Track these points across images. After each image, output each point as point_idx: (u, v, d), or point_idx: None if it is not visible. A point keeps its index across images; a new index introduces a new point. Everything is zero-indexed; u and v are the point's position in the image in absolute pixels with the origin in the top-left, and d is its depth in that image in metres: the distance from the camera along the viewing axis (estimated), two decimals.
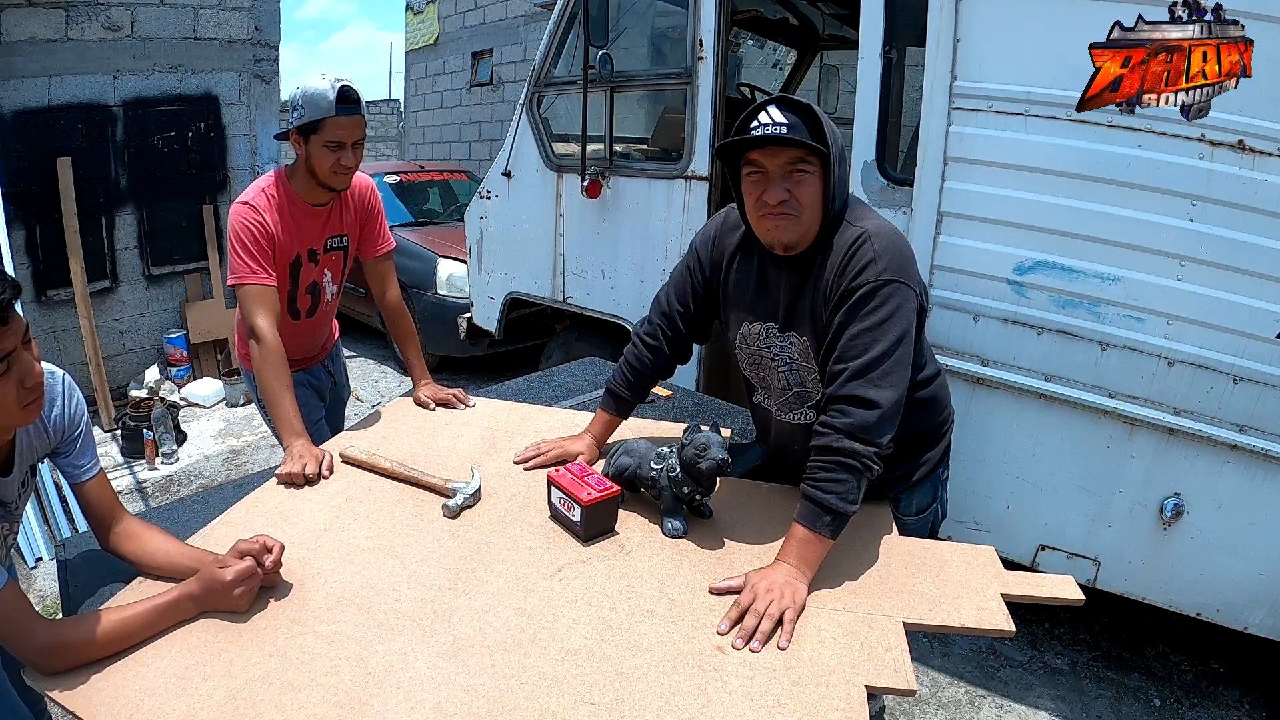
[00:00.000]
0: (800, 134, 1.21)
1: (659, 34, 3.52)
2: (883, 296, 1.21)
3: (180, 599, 1.06)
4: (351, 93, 1.70)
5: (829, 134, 1.21)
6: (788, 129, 1.21)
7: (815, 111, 1.22)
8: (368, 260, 2.02)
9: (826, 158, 1.22)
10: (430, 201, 6.23)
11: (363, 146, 1.78)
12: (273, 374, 1.67)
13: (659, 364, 1.56)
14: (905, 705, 2.18)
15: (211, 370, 4.76)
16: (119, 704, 0.93)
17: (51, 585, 2.66)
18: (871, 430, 1.18)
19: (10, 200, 3.65)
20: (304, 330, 1.99)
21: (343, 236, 1.93)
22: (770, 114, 1.22)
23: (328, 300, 2.01)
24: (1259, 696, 2.28)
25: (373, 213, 1.98)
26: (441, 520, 1.37)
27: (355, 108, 1.71)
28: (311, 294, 1.94)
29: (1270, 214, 1.73)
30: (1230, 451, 1.87)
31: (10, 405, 0.96)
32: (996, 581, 1.21)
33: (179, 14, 4.39)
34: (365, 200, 1.96)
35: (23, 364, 0.96)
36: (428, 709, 0.94)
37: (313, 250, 1.87)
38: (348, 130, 1.71)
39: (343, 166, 1.74)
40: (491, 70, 9.91)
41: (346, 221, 1.92)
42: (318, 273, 1.92)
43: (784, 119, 1.21)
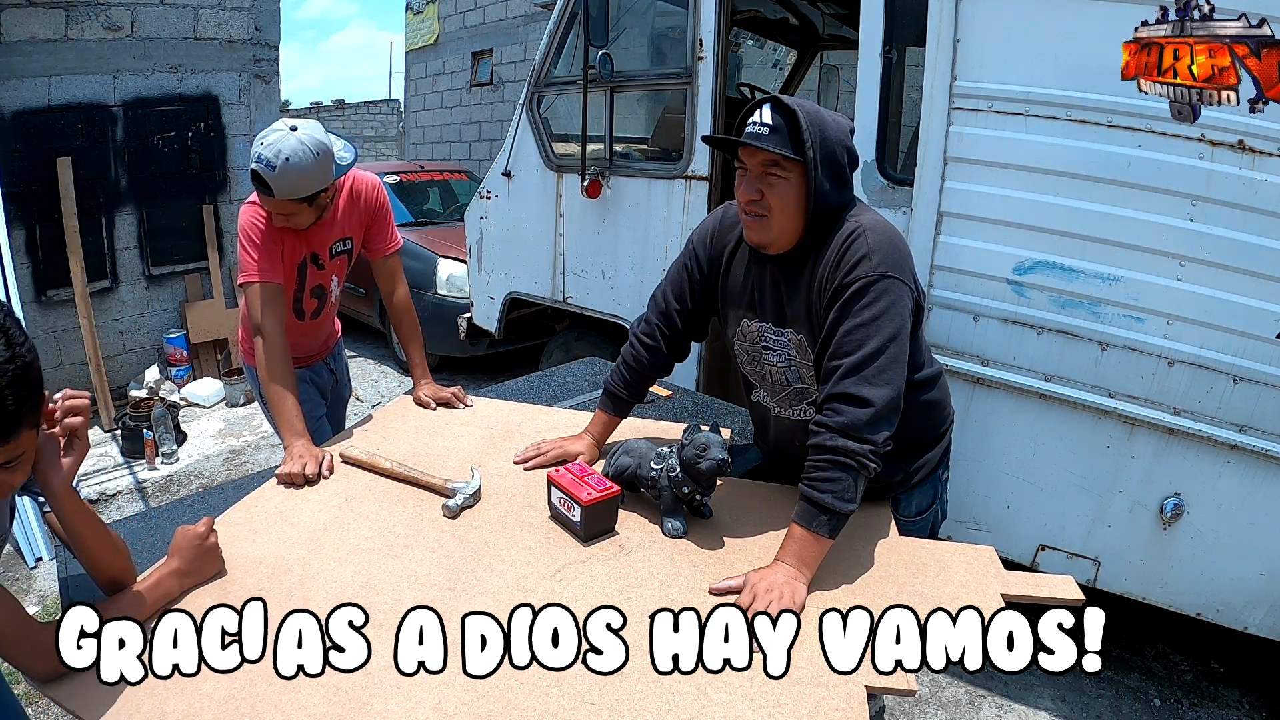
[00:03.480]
0: (778, 138, 1.21)
1: (659, 34, 3.52)
2: (876, 292, 1.21)
3: (162, 577, 1.10)
4: (257, 177, 1.58)
5: (809, 141, 1.20)
6: (770, 131, 1.21)
7: (800, 117, 1.21)
8: (376, 260, 2.02)
9: (805, 164, 1.22)
10: (430, 201, 6.23)
11: (298, 214, 1.68)
12: (276, 373, 1.67)
13: (656, 363, 1.56)
14: (905, 705, 2.18)
15: (211, 370, 4.76)
16: (119, 704, 0.94)
17: (51, 585, 2.66)
18: (865, 428, 1.18)
19: (10, 200, 3.65)
20: (309, 329, 2.00)
21: (346, 240, 1.93)
22: (762, 114, 1.23)
23: (332, 302, 2.02)
24: (1259, 696, 2.28)
25: (379, 212, 1.97)
26: (441, 520, 1.37)
27: (261, 190, 1.61)
28: (317, 296, 1.95)
29: (1270, 214, 1.73)
30: (1230, 451, 1.87)
31: None
32: (996, 581, 1.21)
33: (179, 14, 4.39)
34: (371, 200, 1.94)
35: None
36: (428, 709, 0.94)
37: (316, 255, 1.87)
38: (271, 206, 1.66)
39: (289, 226, 1.71)
40: (491, 70, 9.91)
41: (350, 225, 1.91)
42: (324, 277, 1.93)
43: (770, 121, 1.22)
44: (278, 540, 1.30)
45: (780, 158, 1.22)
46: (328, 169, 1.66)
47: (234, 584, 1.17)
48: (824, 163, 1.22)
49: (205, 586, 1.16)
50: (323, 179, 1.66)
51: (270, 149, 1.57)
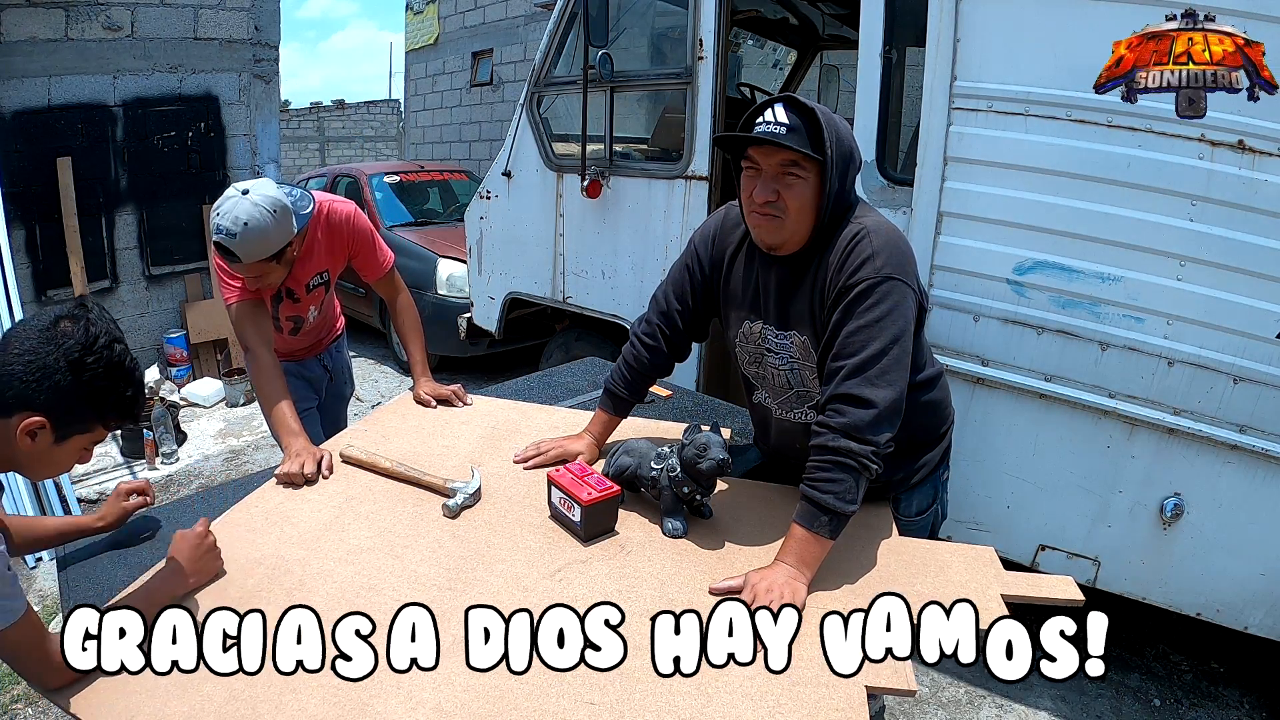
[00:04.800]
0: (798, 137, 1.21)
1: (659, 34, 3.52)
2: (880, 294, 1.21)
3: (165, 580, 1.11)
4: (228, 240, 1.55)
5: (829, 140, 1.20)
6: (787, 130, 1.20)
7: (819, 116, 1.21)
8: (371, 282, 2.03)
9: (823, 164, 1.22)
10: (430, 201, 6.23)
11: (267, 274, 1.68)
12: (267, 385, 1.71)
13: (657, 363, 1.56)
14: (905, 705, 2.18)
15: (211, 370, 4.76)
16: (119, 705, 0.94)
17: (51, 585, 2.66)
18: (867, 429, 1.18)
19: (10, 200, 3.65)
20: (289, 340, 2.03)
21: (323, 273, 1.93)
22: (775, 112, 1.22)
23: (310, 324, 2.03)
24: (1259, 696, 2.28)
25: (360, 238, 1.93)
26: (441, 520, 1.37)
27: (228, 258, 1.60)
28: (293, 321, 1.97)
29: (1270, 214, 1.73)
30: (1230, 451, 1.87)
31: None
32: (996, 582, 1.21)
33: (179, 14, 4.39)
34: (348, 230, 1.91)
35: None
36: (428, 709, 0.94)
37: (291, 290, 1.88)
38: (241, 271, 1.65)
39: (263, 286, 1.73)
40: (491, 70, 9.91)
41: (327, 258, 1.92)
42: (300, 309, 1.94)
43: (786, 120, 1.20)
44: (278, 540, 1.30)
45: (801, 157, 1.21)
46: (287, 224, 1.65)
47: (234, 584, 1.17)
48: (839, 163, 1.22)
49: (205, 587, 1.16)
50: (285, 235, 1.65)
51: (227, 218, 1.55)
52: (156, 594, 1.09)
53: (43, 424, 0.96)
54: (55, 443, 0.99)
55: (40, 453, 0.98)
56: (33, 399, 0.95)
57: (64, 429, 0.99)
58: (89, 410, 1.00)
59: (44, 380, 0.95)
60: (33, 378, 0.95)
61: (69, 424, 0.99)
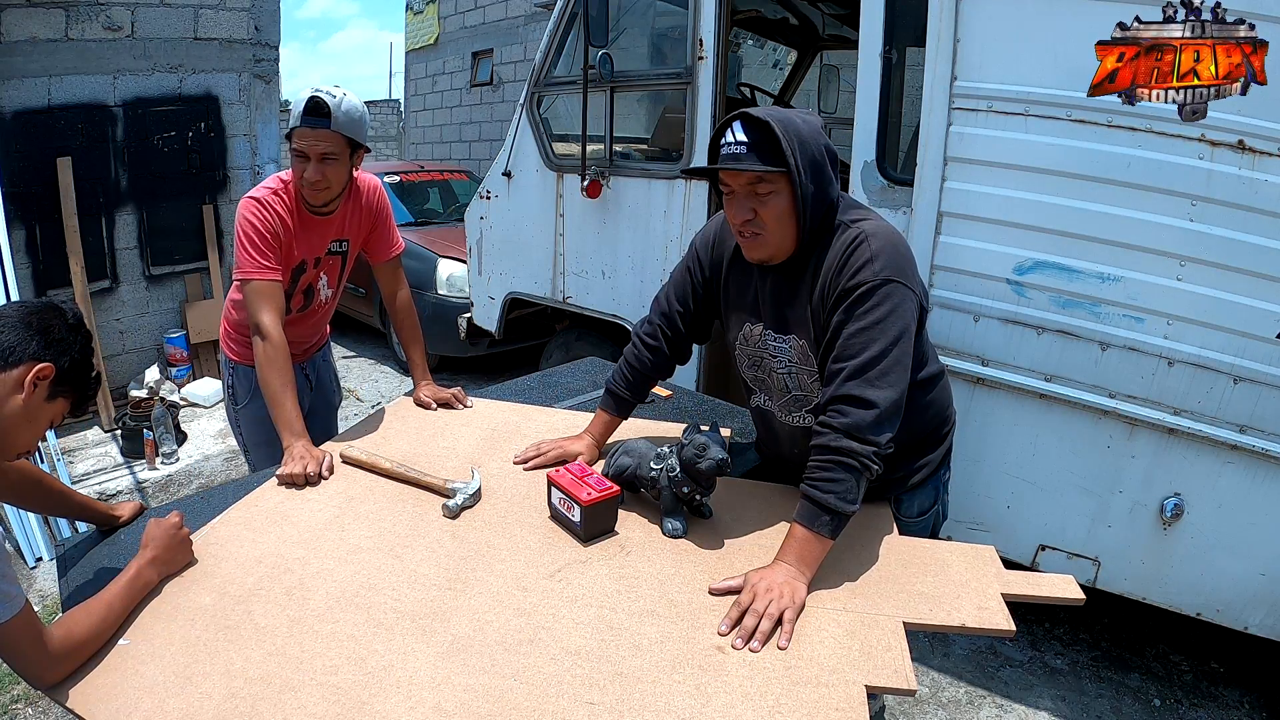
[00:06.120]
0: (756, 155, 1.20)
1: (659, 34, 3.52)
2: (880, 296, 1.21)
3: (141, 567, 1.13)
4: (320, 104, 1.62)
5: (788, 150, 1.19)
6: (745, 149, 1.20)
7: (773, 127, 1.19)
8: (377, 264, 2.01)
9: (789, 173, 1.20)
10: (430, 201, 6.23)
11: (335, 162, 1.69)
12: (275, 372, 1.65)
13: (658, 364, 1.56)
14: (905, 705, 2.18)
15: (212, 370, 4.76)
16: (119, 703, 0.94)
17: (51, 585, 2.66)
18: (868, 430, 1.18)
19: (10, 200, 3.65)
20: (290, 323, 1.97)
21: (343, 241, 1.91)
22: (734, 132, 1.22)
23: (322, 302, 1.99)
24: (1259, 696, 2.28)
25: (381, 215, 1.96)
26: (441, 520, 1.37)
27: (316, 120, 1.63)
28: (305, 295, 1.93)
29: (1270, 214, 1.73)
30: (1230, 451, 1.87)
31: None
32: (996, 581, 1.21)
33: (179, 14, 4.38)
34: (373, 202, 1.93)
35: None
36: (428, 709, 0.94)
37: (316, 257, 1.87)
38: (307, 141, 1.66)
39: (306, 180, 1.69)
40: (491, 70, 9.92)
41: (350, 226, 1.90)
42: (314, 275, 1.91)
43: (745, 138, 1.20)
44: (278, 540, 1.30)
45: (762, 173, 1.21)
46: (365, 128, 1.74)
47: (234, 584, 1.17)
48: (807, 167, 1.21)
49: (204, 585, 1.16)
50: (365, 132, 1.73)
51: (323, 91, 1.64)
52: (135, 583, 1.11)
53: (50, 371, 1.01)
54: (47, 399, 1.03)
55: (31, 408, 1.01)
56: (39, 353, 1.01)
57: (59, 385, 1.04)
58: (81, 372, 1.06)
59: (48, 334, 1.02)
60: (36, 332, 1.01)
61: (63, 380, 1.04)
